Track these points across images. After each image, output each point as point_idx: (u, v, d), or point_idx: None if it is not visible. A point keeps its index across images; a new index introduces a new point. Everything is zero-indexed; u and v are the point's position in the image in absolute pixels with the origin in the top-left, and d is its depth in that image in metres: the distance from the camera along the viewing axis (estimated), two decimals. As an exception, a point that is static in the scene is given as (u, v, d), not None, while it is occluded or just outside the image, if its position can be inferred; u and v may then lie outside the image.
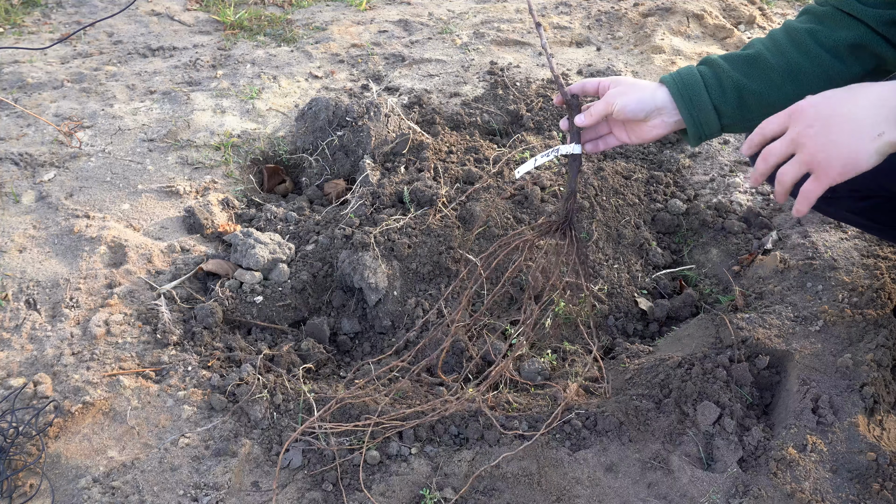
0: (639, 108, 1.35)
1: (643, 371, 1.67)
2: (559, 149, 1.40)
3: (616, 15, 3.55)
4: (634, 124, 1.40)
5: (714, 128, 1.38)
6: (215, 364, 1.73)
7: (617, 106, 1.35)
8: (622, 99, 1.35)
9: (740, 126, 1.43)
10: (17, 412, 1.53)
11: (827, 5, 1.37)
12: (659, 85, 1.39)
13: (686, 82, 1.36)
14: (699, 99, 1.35)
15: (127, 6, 3.47)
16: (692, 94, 1.35)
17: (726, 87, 1.35)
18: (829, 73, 1.35)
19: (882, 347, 1.62)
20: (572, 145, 1.40)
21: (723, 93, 1.35)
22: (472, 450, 1.52)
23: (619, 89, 1.37)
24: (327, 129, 2.45)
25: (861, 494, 1.38)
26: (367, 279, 1.91)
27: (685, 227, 2.25)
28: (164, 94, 2.82)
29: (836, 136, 1.06)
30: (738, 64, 1.37)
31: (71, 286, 1.90)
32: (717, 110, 1.36)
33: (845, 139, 1.05)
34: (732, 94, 1.36)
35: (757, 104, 1.37)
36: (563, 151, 1.40)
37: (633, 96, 1.35)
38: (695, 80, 1.36)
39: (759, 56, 1.37)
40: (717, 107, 1.35)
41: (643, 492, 1.43)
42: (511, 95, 2.81)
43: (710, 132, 1.38)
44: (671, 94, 1.36)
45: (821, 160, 1.08)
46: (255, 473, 1.48)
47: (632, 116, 1.36)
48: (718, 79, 1.36)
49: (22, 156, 2.39)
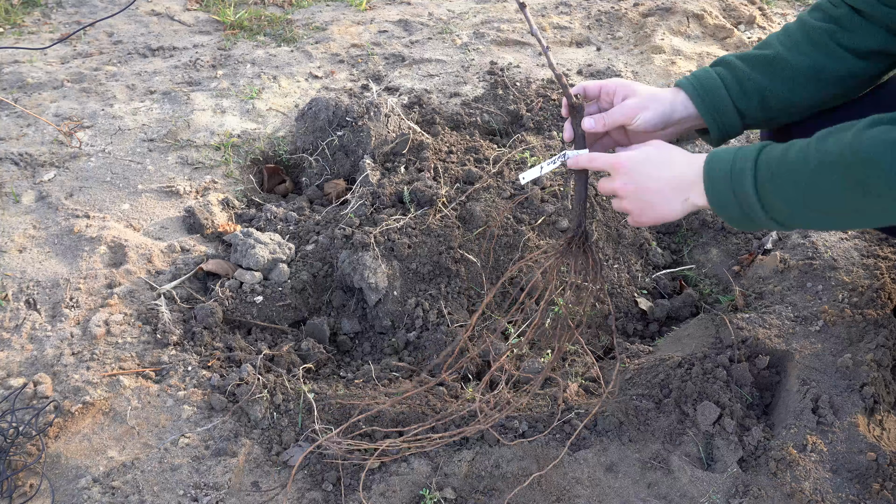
0: (660, 122, 1.35)
1: (643, 371, 1.67)
2: (566, 153, 1.37)
3: (616, 15, 3.55)
4: (644, 132, 1.39)
5: (736, 128, 1.38)
6: (215, 364, 1.73)
7: (639, 121, 1.34)
8: (644, 114, 1.34)
9: (762, 125, 1.43)
10: (17, 412, 1.53)
11: (842, 6, 1.34)
12: (676, 91, 1.37)
13: (706, 87, 1.35)
14: (721, 103, 1.35)
15: (127, 6, 3.47)
16: (714, 98, 1.35)
17: (748, 89, 1.35)
18: (853, 71, 1.35)
19: (882, 347, 1.62)
20: (579, 151, 1.36)
21: (744, 95, 1.35)
22: (472, 450, 1.52)
23: (639, 102, 1.35)
24: (327, 129, 2.45)
25: (861, 494, 1.38)
26: (367, 279, 1.91)
27: (685, 227, 2.25)
28: (164, 94, 2.82)
29: (650, 197, 1.27)
30: (757, 65, 1.36)
31: (71, 286, 1.90)
32: (739, 112, 1.35)
33: (657, 202, 1.26)
34: (755, 97, 1.35)
35: (780, 104, 1.36)
36: (569, 156, 1.37)
37: (655, 111, 1.34)
38: (714, 84, 1.35)
39: (778, 57, 1.35)
40: (739, 109, 1.35)
41: (643, 492, 1.43)
42: (511, 95, 2.81)
43: (732, 133, 1.39)
44: (692, 99, 1.36)
45: (636, 213, 1.31)
46: (255, 473, 1.48)
47: (651, 129, 1.36)
48: (739, 81, 1.35)
49: (22, 156, 2.39)
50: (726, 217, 1.21)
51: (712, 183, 1.19)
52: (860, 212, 1.10)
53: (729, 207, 1.19)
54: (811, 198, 1.11)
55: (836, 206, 1.11)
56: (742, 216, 1.19)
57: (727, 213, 1.20)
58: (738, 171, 1.16)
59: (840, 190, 1.08)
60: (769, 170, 1.13)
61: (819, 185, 1.09)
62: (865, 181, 1.04)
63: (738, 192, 1.16)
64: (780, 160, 1.13)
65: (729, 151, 1.20)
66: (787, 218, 1.16)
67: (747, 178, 1.15)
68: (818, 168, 1.08)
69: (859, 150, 1.03)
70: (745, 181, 1.15)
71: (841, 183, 1.07)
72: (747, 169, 1.15)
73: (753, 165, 1.14)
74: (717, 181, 1.19)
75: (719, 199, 1.19)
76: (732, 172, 1.16)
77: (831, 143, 1.08)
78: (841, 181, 1.07)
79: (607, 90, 1.39)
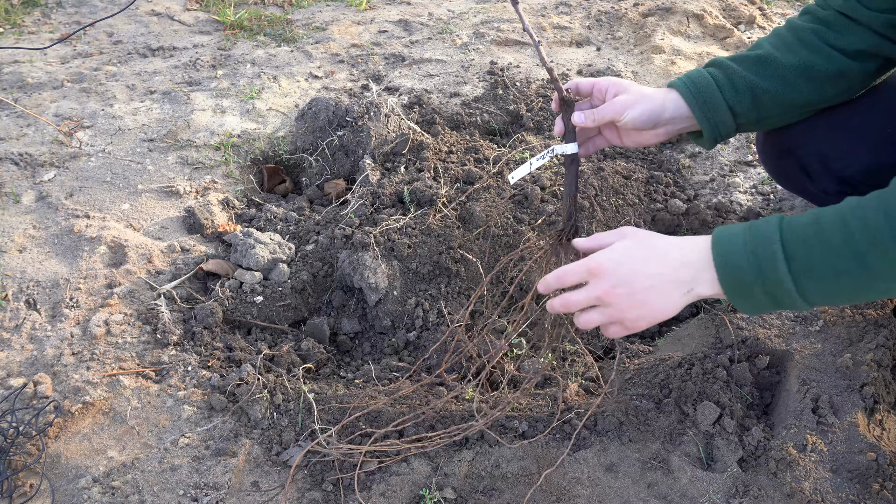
0: (649, 120, 1.34)
1: (643, 371, 1.67)
2: (554, 149, 1.35)
3: (616, 15, 3.55)
4: (635, 132, 1.38)
5: (729, 128, 1.37)
6: (215, 364, 1.73)
7: (627, 117, 1.33)
8: (633, 111, 1.32)
9: (756, 125, 1.42)
10: (17, 412, 1.53)
11: (829, 9, 1.35)
12: (668, 91, 1.37)
13: (698, 85, 1.35)
14: (713, 101, 1.34)
15: (127, 6, 3.47)
16: (706, 96, 1.34)
17: (739, 87, 1.34)
18: (843, 70, 1.35)
19: (882, 347, 1.62)
20: (568, 145, 1.34)
21: (736, 93, 1.34)
22: (472, 450, 1.52)
23: (629, 98, 1.33)
24: (327, 129, 2.45)
25: (861, 494, 1.38)
26: (367, 279, 1.91)
27: (685, 228, 2.25)
28: (164, 94, 2.82)
29: (645, 296, 1.09)
30: (748, 64, 1.36)
31: (71, 286, 1.90)
32: (732, 111, 1.35)
33: (654, 299, 1.09)
34: (746, 95, 1.35)
35: (772, 103, 1.36)
36: (558, 151, 1.35)
37: (644, 108, 1.33)
38: (707, 83, 1.35)
39: (769, 56, 1.36)
40: (731, 107, 1.34)
41: (643, 492, 1.43)
42: (511, 95, 2.81)
43: (725, 133, 1.37)
44: (684, 97, 1.35)
45: (630, 318, 1.11)
46: (255, 473, 1.48)
47: (640, 127, 1.35)
48: (731, 80, 1.35)
49: (22, 156, 2.39)
50: (744, 304, 1.06)
51: (730, 270, 1.04)
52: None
53: (752, 296, 1.04)
54: (863, 279, 0.99)
55: (887, 286, 0.99)
56: (769, 303, 1.04)
57: (748, 302, 1.05)
58: (764, 255, 1.02)
59: (894, 268, 0.96)
60: (805, 256, 1.00)
61: (874, 267, 0.97)
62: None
63: (770, 280, 1.01)
64: (815, 240, 0.99)
65: (739, 230, 1.06)
66: (825, 300, 1.04)
67: (779, 264, 1.00)
68: (869, 247, 0.96)
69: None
70: (778, 267, 1.00)
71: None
72: (776, 252, 1.01)
73: (781, 248, 1.00)
74: (736, 268, 1.03)
75: (740, 288, 1.04)
76: (756, 256, 1.02)
77: (873, 216, 0.96)
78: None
79: (600, 87, 1.39)
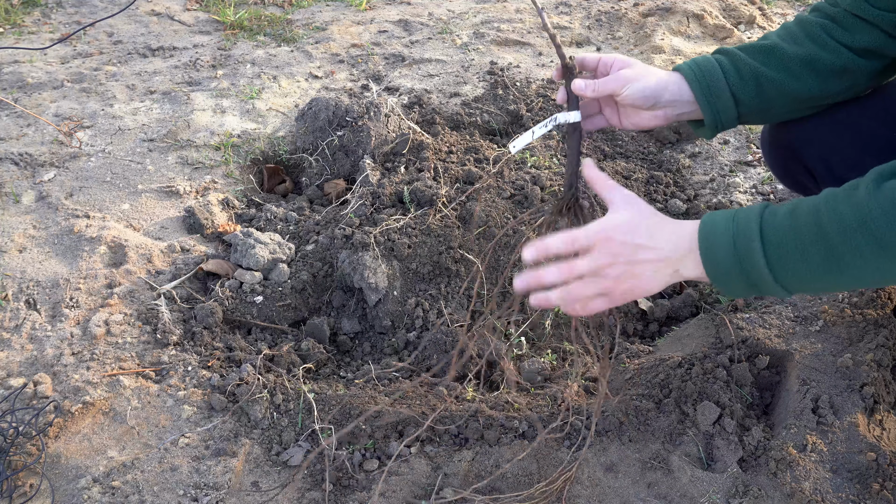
0: (650, 97, 1.32)
1: (643, 371, 1.67)
2: (556, 117, 1.30)
3: (616, 15, 3.55)
4: (633, 110, 1.36)
5: (731, 116, 1.36)
6: (215, 364, 1.73)
7: (627, 91, 1.30)
8: (634, 85, 1.30)
9: (758, 116, 1.40)
10: (17, 412, 1.53)
11: (838, 6, 1.35)
12: (673, 73, 1.35)
13: (703, 69, 1.34)
14: (717, 85, 1.33)
15: (127, 6, 3.47)
16: (710, 80, 1.33)
17: (744, 74, 1.34)
18: (849, 65, 1.34)
19: (882, 347, 1.62)
20: (571, 113, 1.29)
21: (741, 80, 1.34)
22: (472, 450, 1.52)
23: (631, 73, 1.32)
24: (327, 129, 2.45)
25: (861, 494, 1.38)
26: (367, 279, 1.91)
27: (685, 227, 2.25)
28: (164, 94, 2.82)
29: (641, 270, 1.13)
30: (754, 53, 1.36)
31: (71, 286, 1.90)
32: (735, 97, 1.34)
33: (648, 275, 1.13)
34: (751, 82, 1.34)
35: (776, 93, 1.35)
36: (560, 120, 1.30)
37: (646, 83, 1.31)
38: (712, 67, 1.34)
39: (775, 46, 1.35)
40: (734, 94, 1.34)
41: (643, 492, 1.43)
42: (511, 95, 2.81)
43: (727, 121, 1.36)
44: (687, 79, 1.33)
45: (619, 291, 1.15)
46: (255, 473, 1.48)
47: (640, 104, 1.33)
48: (736, 66, 1.34)
49: (22, 156, 2.39)
50: (726, 289, 1.12)
51: (712, 257, 1.10)
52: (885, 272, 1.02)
53: (733, 282, 1.09)
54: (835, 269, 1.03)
55: (858, 273, 1.03)
56: (750, 289, 1.09)
57: (729, 286, 1.11)
58: (743, 245, 1.07)
59: (861, 257, 1.01)
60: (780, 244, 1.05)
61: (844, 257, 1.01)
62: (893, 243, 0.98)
63: (748, 269, 1.07)
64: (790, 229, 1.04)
65: (722, 218, 1.11)
66: (803, 288, 1.08)
67: (756, 255, 1.05)
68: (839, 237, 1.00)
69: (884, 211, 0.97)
70: (755, 257, 1.06)
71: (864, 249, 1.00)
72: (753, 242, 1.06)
73: (760, 238, 1.06)
74: (717, 259, 1.09)
75: (722, 275, 1.10)
76: (737, 246, 1.07)
77: (843, 207, 1.01)
78: (865, 247, 1.00)
79: (605, 62, 1.37)
